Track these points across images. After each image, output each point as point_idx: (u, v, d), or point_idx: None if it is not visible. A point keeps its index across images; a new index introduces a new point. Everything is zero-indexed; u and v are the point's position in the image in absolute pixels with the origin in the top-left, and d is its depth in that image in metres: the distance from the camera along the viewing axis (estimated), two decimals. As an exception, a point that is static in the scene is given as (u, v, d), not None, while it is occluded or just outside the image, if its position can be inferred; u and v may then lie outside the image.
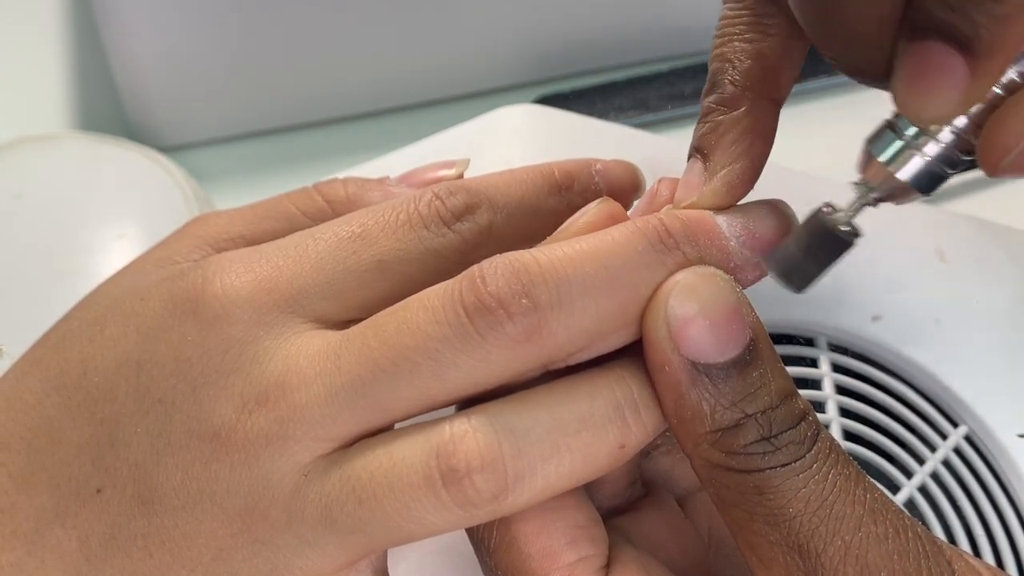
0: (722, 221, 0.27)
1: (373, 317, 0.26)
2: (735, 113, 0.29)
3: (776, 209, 0.28)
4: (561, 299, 0.25)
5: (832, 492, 0.25)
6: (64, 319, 0.30)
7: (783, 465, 0.25)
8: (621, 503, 0.30)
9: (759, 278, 0.28)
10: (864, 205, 0.27)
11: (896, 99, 0.25)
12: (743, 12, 0.29)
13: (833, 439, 0.26)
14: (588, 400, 0.26)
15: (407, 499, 0.24)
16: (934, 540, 0.26)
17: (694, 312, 0.25)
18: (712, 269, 0.26)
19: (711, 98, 0.29)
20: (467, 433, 0.25)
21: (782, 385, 0.26)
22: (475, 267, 0.25)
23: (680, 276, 0.26)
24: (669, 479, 0.31)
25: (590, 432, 0.25)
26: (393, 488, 0.25)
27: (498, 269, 0.25)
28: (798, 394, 0.26)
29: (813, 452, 0.25)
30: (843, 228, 0.27)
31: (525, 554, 0.26)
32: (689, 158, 0.29)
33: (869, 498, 0.25)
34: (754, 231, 0.27)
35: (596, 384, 0.26)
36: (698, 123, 0.29)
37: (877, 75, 0.26)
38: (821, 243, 0.27)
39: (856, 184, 0.27)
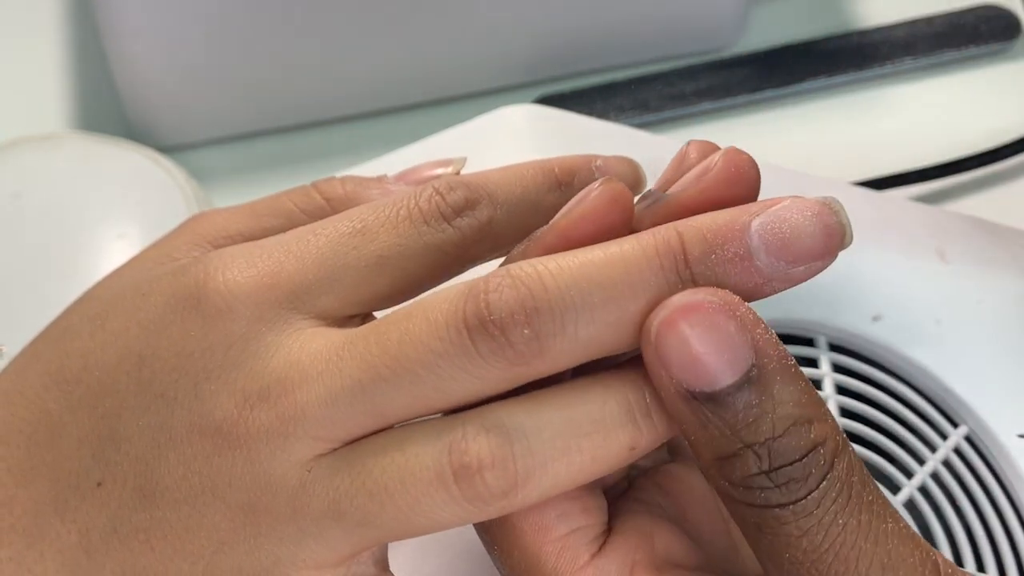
0: (755, 231, 0.24)
1: (376, 322, 0.26)
2: None
3: (822, 220, 0.25)
4: (565, 327, 0.25)
5: (839, 536, 0.23)
6: (64, 315, 0.30)
7: (780, 506, 0.24)
8: (647, 464, 0.30)
9: (788, 287, 0.25)
10: None
11: None
12: None
13: (854, 467, 0.24)
14: (600, 403, 0.25)
15: (418, 494, 0.25)
16: None
17: (685, 339, 0.24)
18: (710, 290, 0.25)
19: None
20: (479, 432, 0.25)
21: (790, 412, 0.24)
22: (480, 283, 0.25)
23: (674, 299, 0.24)
24: None
25: (601, 434, 0.25)
26: (405, 483, 0.25)
27: (503, 294, 0.25)
28: (814, 420, 0.24)
29: (819, 491, 0.24)
30: None
31: (518, 528, 0.26)
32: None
33: (882, 550, 0.23)
34: (791, 243, 0.25)
35: (609, 387, 0.26)
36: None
37: None
38: None
39: None
